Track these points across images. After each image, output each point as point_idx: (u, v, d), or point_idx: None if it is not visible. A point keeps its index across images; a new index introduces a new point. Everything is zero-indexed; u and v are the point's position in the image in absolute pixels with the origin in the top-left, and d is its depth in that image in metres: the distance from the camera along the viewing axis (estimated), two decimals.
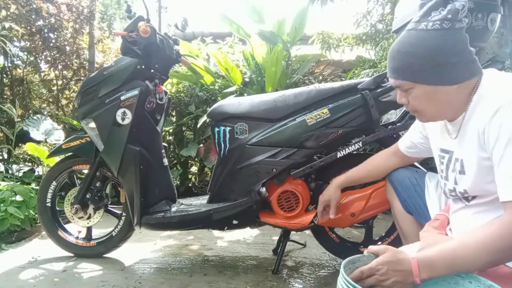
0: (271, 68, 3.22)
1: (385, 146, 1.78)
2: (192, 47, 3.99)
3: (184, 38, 5.29)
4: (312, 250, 2.20)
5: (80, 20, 4.55)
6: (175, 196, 2.11)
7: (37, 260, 2.05)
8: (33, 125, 3.54)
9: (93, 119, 1.89)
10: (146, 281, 1.74)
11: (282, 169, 1.70)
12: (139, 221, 1.84)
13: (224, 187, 1.83)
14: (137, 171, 1.85)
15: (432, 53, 0.90)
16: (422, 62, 0.92)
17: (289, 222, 1.75)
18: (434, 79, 0.92)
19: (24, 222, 2.43)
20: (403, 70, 0.95)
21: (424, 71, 0.92)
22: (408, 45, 0.93)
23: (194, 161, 4.04)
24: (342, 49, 4.77)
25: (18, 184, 2.75)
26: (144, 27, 1.82)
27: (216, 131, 1.81)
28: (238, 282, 1.73)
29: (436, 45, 0.90)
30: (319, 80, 3.89)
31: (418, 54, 0.92)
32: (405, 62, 0.94)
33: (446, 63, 0.90)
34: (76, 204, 1.98)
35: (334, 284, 0.96)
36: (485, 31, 1.54)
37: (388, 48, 3.46)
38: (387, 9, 4.05)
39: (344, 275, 0.79)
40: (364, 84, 1.69)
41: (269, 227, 1.84)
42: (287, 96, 1.76)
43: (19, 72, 4.60)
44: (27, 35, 4.30)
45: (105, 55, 5.21)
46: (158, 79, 2.02)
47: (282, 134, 1.70)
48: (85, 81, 1.98)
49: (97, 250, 2.07)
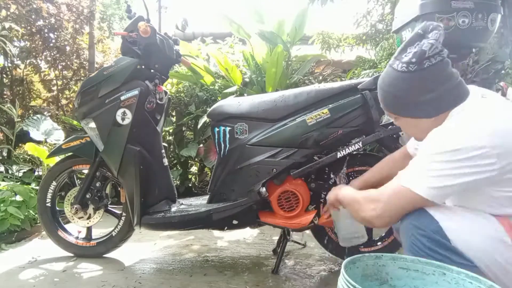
0: (271, 69, 3.22)
1: (385, 146, 1.79)
2: (192, 47, 3.99)
3: (184, 38, 5.29)
4: (312, 250, 2.20)
5: (80, 20, 4.55)
6: (175, 196, 2.11)
7: (37, 260, 2.05)
8: (33, 125, 3.54)
9: (93, 119, 1.89)
10: (146, 281, 1.74)
11: (282, 169, 1.70)
12: (139, 221, 1.84)
13: (224, 187, 1.83)
14: (137, 171, 1.85)
15: (403, 94, 1.01)
16: (398, 100, 1.04)
17: (289, 222, 1.75)
18: (411, 113, 1.04)
19: (24, 222, 2.43)
20: (385, 104, 1.09)
21: (401, 107, 1.05)
22: (386, 84, 1.06)
23: (194, 161, 4.04)
24: (342, 49, 4.77)
25: (18, 184, 2.75)
26: (144, 27, 1.82)
27: (216, 131, 1.81)
28: (238, 282, 1.73)
29: (405, 87, 1.00)
30: (319, 80, 3.89)
31: (392, 93, 1.04)
32: (385, 98, 1.08)
33: (417, 102, 1.00)
34: (76, 204, 1.98)
35: (334, 284, 0.96)
36: (485, 31, 1.54)
37: (388, 48, 3.48)
38: (387, 9, 4.05)
39: (345, 275, 0.79)
40: (364, 84, 1.69)
41: (269, 227, 1.84)
42: (287, 96, 1.76)
43: (19, 72, 4.60)
44: (27, 35, 4.30)
45: (105, 55, 5.20)
46: (158, 79, 2.02)
47: (282, 134, 1.70)
48: (85, 81, 1.98)
49: (97, 250, 2.07)
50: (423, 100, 0.99)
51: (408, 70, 0.98)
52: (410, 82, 0.99)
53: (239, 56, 4.04)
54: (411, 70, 0.97)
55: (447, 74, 0.98)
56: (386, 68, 1.07)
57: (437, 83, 0.97)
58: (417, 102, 1.00)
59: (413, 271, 0.93)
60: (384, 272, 0.95)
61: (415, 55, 0.97)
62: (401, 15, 1.75)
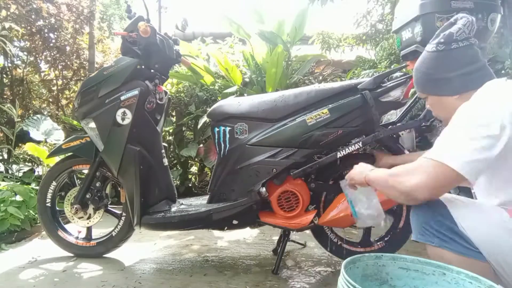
0: (271, 69, 3.22)
1: (385, 146, 1.79)
2: (192, 47, 3.99)
3: (184, 38, 5.28)
4: (312, 250, 2.20)
5: (80, 20, 4.55)
6: (175, 196, 2.11)
7: (37, 260, 2.05)
8: (33, 125, 3.54)
9: (93, 119, 1.89)
10: (146, 281, 1.74)
11: (282, 169, 1.70)
12: (139, 221, 1.84)
13: (224, 187, 1.82)
14: (137, 171, 1.85)
15: (431, 71, 1.14)
16: (427, 77, 1.16)
17: (289, 222, 1.75)
18: (436, 91, 1.15)
19: (24, 222, 2.43)
20: (417, 83, 1.21)
21: (429, 84, 1.16)
22: (419, 64, 1.19)
23: (194, 161, 4.04)
24: (342, 49, 4.77)
25: (18, 184, 2.75)
26: (144, 27, 1.82)
27: (216, 131, 1.81)
28: (238, 282, 1.73)
29: (430, 64, 1.14)
30: (319, 80, 3.89)
31: (423, 71, 1.17)
32: (417, 77, 1.20)
33: (439, 79, 1.13)
34: (76, 204, 1.98)
35: (334, 284, 0.96)
36: (485, 31, 1.54)
37: (388, 48, 3.48)
38: (387, 9, 4.05)
39: (345, 275, 0.79)
40: (364, 84, 1.69)
41: (269, 227, 1.84)
42: (287, 96, 1.76)
43: (19, 72, 4.60)
44: (27, 35, 4.30)
45: (105, 55, 5.20)
46: (158, 79, 2.02)
47: (282, 134, 1.70)
48: (85, 81, 1.98)
49: (97, 250, 2.07)
50: (449, 77, 1.10)
51: (437, 49, 1.12)
52: (437, 60, 1.12)
53: (239, 56, 4.04)
54: (440, 49, 1.11)
55: (472, 57, 1.09)
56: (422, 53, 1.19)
57: (462, 63, 1.09)
58: (443, 79, 1.11)
59: (413, 271, 0.93)
60: (384, 272, 0.96)
61: (443, 37, 1.11)
62: (401, 15, 1.74)
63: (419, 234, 1.04)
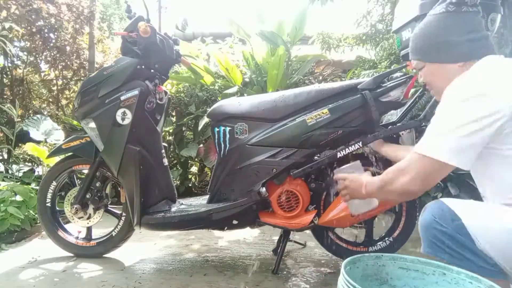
0: (272, 70, 3.22)
1: None
2: (192, 47, 3.99)
3: (184, 38, 5.29)
4: (312, 250, 2.20)
5: (80, 20, 4.55)
6: (175, 196, 2.11)
7: (37, 260, 2.05)
8: (33, 125, 3.54)
9: (93, 119, 1.89)
10: (146, 281, 1.74)
11: (282, 169, 1.70)
12: (139, 221, 1.84)
13: (224, 187, 1.82)
14: (137, 171, 1.85)
15: (434, 32, 1.07)
16: (427, 41, 1.09)
17: (289, 222, 1.75)
18: (437, 57, 1.08)
19: (24, 222, 2.43)
20: (415, 50, 1.14)
21: (429, 50, 1.09)
22: (419, 28, 1.12)
23: (194, 161, 4.04)
24: (342, 49, 4.76)
25: (18, 184, 2.75)
26: (144, 27, 1.82)
27: (216, 131, 1.81)
28: (238, 282, 1.73)
29: (437, 25, 1.07)
30: (319, 80, 3.89)
31: (424, 34, 1.10)
32: (416, 43, 1.13)
33: (446, 42, 1.05)
34: (76, 204, 1.98)
35: (334, 284, 0.96)
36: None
37: (388, 48, 3.48)
38: (387, 9, 4.05)
39: (345, 275, 0.79)
40: (364, 84, 1.69)
41: (269, 227, 1.84)
42: (287, 96, 1.76)
43: (19, 72, 4.60)
44: (27, 35, 4.30)
45: (105, 55, 5.20)
46: (158, 79, 2.02)
47: (282, 134, 1.70)
48: (85, 81, 1.98)
49: (97, 250, 2.07)
50: (455, 41, 1.04)
51: (447, 10, 1.06)
52: (446, 21, 1.06)
53: (239, 56, 4.04)
54: (450, 10, 1.05)
55: (479, 24, 1.06)
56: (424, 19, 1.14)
57: (470, 28, 1.04)
58: (449, 43, 1.05)
59: (413, 271, 0.93)
60: (384, 272, 0.96)
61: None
62: (401, 15, 1.74)
63: (428, 247, 0.99)
